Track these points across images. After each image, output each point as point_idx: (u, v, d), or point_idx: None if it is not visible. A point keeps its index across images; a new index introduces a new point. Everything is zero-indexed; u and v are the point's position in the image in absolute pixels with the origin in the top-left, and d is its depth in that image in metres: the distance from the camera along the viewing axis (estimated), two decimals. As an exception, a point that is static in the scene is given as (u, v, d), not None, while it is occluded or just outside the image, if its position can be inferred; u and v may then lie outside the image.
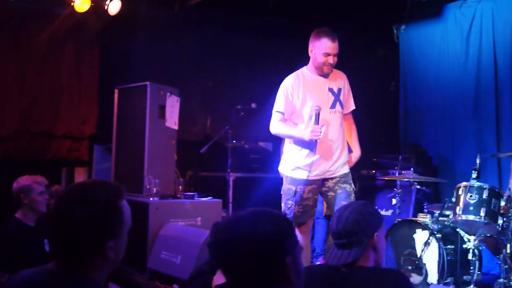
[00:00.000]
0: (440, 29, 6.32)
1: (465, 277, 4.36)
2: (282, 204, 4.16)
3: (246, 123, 6.29)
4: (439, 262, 4.28)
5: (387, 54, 6.98)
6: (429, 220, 4.57)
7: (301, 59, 4.36)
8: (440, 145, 6.24)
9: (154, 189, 4.95)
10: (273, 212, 1.53)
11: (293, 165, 4.10)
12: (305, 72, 4.14)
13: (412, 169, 5.13)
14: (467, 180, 4.39)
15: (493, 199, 4.26)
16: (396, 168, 5.51)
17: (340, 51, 3.99)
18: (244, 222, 1.50)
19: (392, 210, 5.54)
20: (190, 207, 5.06)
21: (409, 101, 6.71)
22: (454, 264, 4.33)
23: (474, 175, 4.34)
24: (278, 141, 6.14)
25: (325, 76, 4.08)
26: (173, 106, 5.33)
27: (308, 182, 4.05)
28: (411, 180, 5.15)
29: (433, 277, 4.31)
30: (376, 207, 5.85)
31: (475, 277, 4.25)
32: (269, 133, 6.65)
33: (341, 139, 4.13)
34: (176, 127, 5.37)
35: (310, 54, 4.07)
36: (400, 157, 5.60)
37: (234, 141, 6.10)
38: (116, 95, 5.62)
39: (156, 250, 4.71)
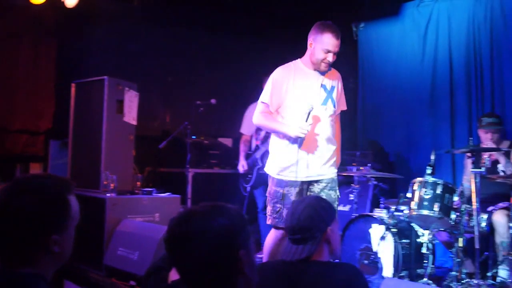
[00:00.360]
0: (398, 27, 6.42)
1: (419, 271, 4.46)
2: (269, 208, 3.90)
3: (206, 119, 6.27)
4: (394, 256, 4.37)
5: (346, 51, 7.00)
6: (385, 215, 4.66)
7: (262, 56, 4.40)
8: (397, 142, 6.34)
9: (111, 184, 4.88)
10: (226, 206, 1.54)
11: (280, 166, 3.86)
12: (298, 65, 3.90)
13: (369, 165, 5.20)
14: (423, 176, 4.49)
15: (446, 194, 4.36)
16: (354, 164, 5.58)
17: (301, 51, 3.92)
18: (197, 216, 1.50)
19: (350, 206, 5.61)
20: (148, 203, 5.01)
21: (367, 98, 6.80)
22: (408, 258, 4.42)
23: (428, 171, 4.44)
24: (238, 137, 6.16)
25: (321, 73, 3.85)
26: (131, 101, 5.27)
27: (295, 184, 3.79)
28: (368, 175, 5.23)
29: (388, 271, 4.39)
30: (337, 203, 5.93)
31: (428, 271, 4.35)
32: (229, 129, 6.72)
33: (332, 139, 3.91)
34: (134, 122, 5.31)
35: (308, 47, 3.82)
36: (358, 153, 5.69)
37: (194, 137, 6.08)
38: (73, 89, 5.51)
39: (113, 247, 4.65)
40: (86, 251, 4.89)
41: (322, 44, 3.71)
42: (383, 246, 4.45)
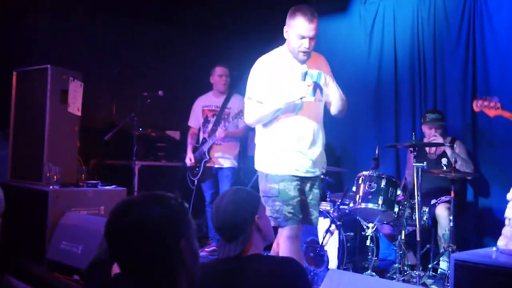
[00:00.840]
0: (345, 24, 6.50)
1: (363, 263, 4.56)
2: (268, 209, 3.40)
3: (153, 111, 6.18)
4: (339, 248, 4.45)
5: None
6: (331, 208, 4.73)
7: (211, 49, 4.36)
8: (343, 136, 6.43)
9: (55, 177, 4.76)
10: (166, 195, 1.51)
11: (271, 160, 3.52)
12: (281, 54, 3.56)
13: (316, 159, 5.25)
14: (368, 170, 4.58)
15: (390, 188, 4.47)
16: (301, 158, 5.62)
17: (250, 42, 3.68)
18: (134, 207, 1.46)
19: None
20: (92, 196, 4.92)
21: (314, 93, 6.86)
22: (353, 250, 4.51)
23: (373, 165, 4.54)
24: (185, 129, 6.11)
25: (303, 61, 3.48)
26: (76, 91, 5.14)
27: (291, 178, 3.47)
28: (315, 169, 5.28)
29: (334, 263, 4.46)
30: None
31: (372, 263, 4.45)
32: (177, 121, 6.65)
33: (322, 132, 3.66)
34: (79, 113, 5.18)
35: (285, 35, 3.49)
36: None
37: (141, 129, 6.00)
38: (14, 78, 5.33)
39: (55, 240, 4.54)
40: (27, 245, 4.77)
41: (294, 29, 3.38)
42: (329, 239, 4.52)
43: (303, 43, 3.38)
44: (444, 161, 4.83)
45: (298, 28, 3.36)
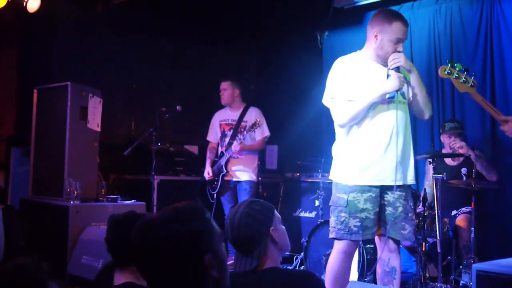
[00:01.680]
0: (361, 36, 6.40)
1: (384, 275, 4.51)
2: (333, 219, 3.43)
3: (171, 126, 6.24)
4: (359, 261, 4.41)
5: (311, 59, 7.12)
6: (350, 220, 4.69)
7: (228, 64, 4.42)
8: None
9: (75, 192, 4.82)
10: (185, 209, 1.48)
11: (347, 169, 3.43)
12: (359, 56, 3.49)
13: (334, 171, 5.24)
14: (386, 182, 4.55)
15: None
16: (319, 170, 5.62)
17: (264, 56, 3.65)
18: (152, 229, 1.45)
19: (315, 212, 5.64)
20: (112, 210, 4.94)
21: (332, 105, 6.85)
22: (373, 262, 4.46)
23: (392, 177, 4.50)
24: (204, 144, 6.14)
25: (385, 65, 3.40)
26: (95, 108, 5.21)
27: (362, 189, 3.34)
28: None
29: (354, 275, 4.43)
30: (300, 209, 5.97)
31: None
32: (195, 136, 6.69)
33: (409, 136, 3.48)
34: (98, 129, 5.25)
35: (372, 40, 3.40)
36: (323, 159, 5.73)
37: (159, 144, 6.04)
38: (35, 96, 5.43)
39: (76, 255, 4.58)
40: (49, 260, 4.80)
41: (392, 34, 3.30)
42: (348, 251, 4.48)
43: (398, 46, 3.34)
44: (463, 170, 4.78)
45: (397, 32, 3.31)
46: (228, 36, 7.29)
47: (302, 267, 4.74)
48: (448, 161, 5.13)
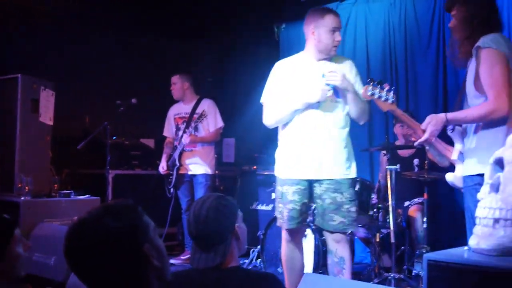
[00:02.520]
0: (318, 28, 6.53)
1: (339, 266, 4.56)
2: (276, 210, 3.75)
3: (127, 119, 6.14)
4: (315, 252, 4.45)
5: (269, 51, 7.12)
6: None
7: (184, 57, 4.38)
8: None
9: (26, 187, 4.69)
10: (116, 205, 1.49)
11: (280, 163, 3.69)
12: (298, 58, 3.70)
13: (291, 163, 5.26)
14: (342, 174, 4.60)
15: (364, 191, 4.49)
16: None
17: (221, 48, 3.81)
18: (87, 227, 1.43)
19: (272, 205, 5.65)
20: (65, 206, 4.85)
21: (288, 98, 6.88)
22: (329, 254, 4.50)
23: (347, 169, 4.55)
24: (160, 137, 6.07)
25: (328, 60, 3.59)
26: (47, 101, 5.08)
27: (291, 182, 3.58)
28: (290, 174, 5.29)
29: (309, 267, 4.46)
30: (257, 202, 5.97)
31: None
32: (151, 129, 6.61)
33: (340, 132, 3.61)
34: (51, 123, 5.12)
35: (310, 37, 3.58)
36: (280, 152, 5.73)
37: (114, 138, 5.95)
38: (-17, 88, 5.25)
39: (28, 252, 4.46)
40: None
41: (326, 25, 3.50)
42: (304, 243, 4.51)
43: (336, 36, 3.52)
44: (416, 161, 4.86)
45: (330, 23, 3.51)
46: (185, 29, 7.21)
47: (258, 260, 4.75)
48: (401, 152, 5.21)
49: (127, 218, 1.46)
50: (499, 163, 2.30)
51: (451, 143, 3.21)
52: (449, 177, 3.18)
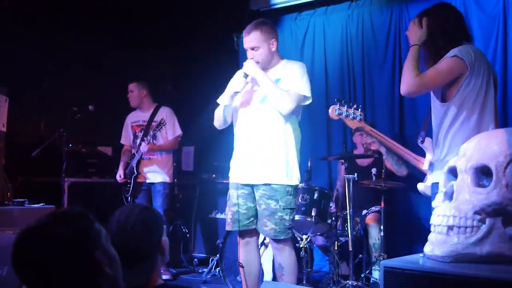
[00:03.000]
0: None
1: (298, 275, 4.57)
2: None
3: (84, 126, 6.03)
4: (273, 261, 4.45)
5: (228, 60, 7.13)
6: (265, 221, 4.73)
7: (142, 65, 4.35)
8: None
9: (-22, 195, 4.55)
10: (66, 212, 1.45)
11: (231, 166, 3.81)
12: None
13: (250, 172, 5.27)
14: (301, 182, 4.63)
15: (323, 200, 4.53)
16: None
17: (180, 56, 3.86)
18: (38, 235, 1.38)
19: (231, 213, 5.65)
20: (19, 215, 4.73)
21: (248, 107, 6.90)
22: (288, 262, 4.51)
23: (306, 177, 4.60)
24: (118, 145, 5.99)
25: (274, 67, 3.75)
26: (0, 106, 4.95)
27: (234, 186, 3.71)
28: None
29: (269, 276, 4.47)
30: (216, 211, 5.96)
31: (307, 274, 4.48)
32: (109, 137, 6.51)
33: (270, 137, 3.61)
34: (4, 129, 5.00)
35: None
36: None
37: (70, 145, 5.83)
38: None
39: (-22, 262, 4.32)
40: None
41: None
42: (264, 251, 4.52)
43: (249, 54, 3.70)
44: (373, 171, 4.94)
45: (244, 43, 3.74)
46: (145, 36, 7.16)
47: (217, 269, 4.73)
48: (360, 162, 5.28)
49: (76, 225, 1.41)
50: (453, 172, 2.36)
51: (422, 154, 3.29)
52: (420, 186, 3.28)
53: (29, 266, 1.38)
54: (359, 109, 3.12)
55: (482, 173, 2.20)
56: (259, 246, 4.50)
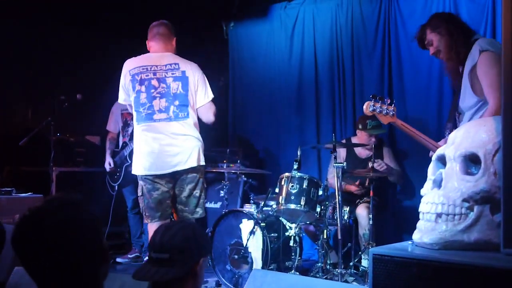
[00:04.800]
0: (267, 27, 6.57)
1: (287, 263, 4.59)
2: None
3: (72, 115, 5.98)
4: (263, 249, 4.46)
5: (217, 50, 7.10)
6: (254, 210, 4.74)
7: (129, 53, 4.33)
8: (266, 139, 6.50)
9: (-36, 185, 4.51)
10: (74, 198, 1.49)
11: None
12: None
13: (239, 161, 5.27)
14: (290, 171, 4.63)
15: (312, 188, 4.53)
16: (224, 161, 5.62)
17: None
18: (45, 214, 1.41)
19: (221, 202, 5.65)
20: (6, 204, 4.70)
21: (237, 96, 6.89)
22: (277, 251, 4.53)
23: (295, 166, 4.59)
24: (106, 134, 5.95)
25: None
26: (-13, 95, 4.90)
27: (140, 178, 4.20)
28: (238, 172, 5.30)
29: (258, 264, 4.47)
30: (206, 200, 5.94)
31: (296, 263, 4.49)
32: (97, 126, 6.46)
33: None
34: (-10, 118, 4.95)
35: None
36: (228, 150, 5.74)
37: (58, 134, 5.79)
38: None
39: (-35, 252, 4.29)
40: None
41: None
42: (253, 240, 4.52)
43: None
44: (370, 164, 4.91)
45: None
46: (132, 24, 7.09)
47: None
48: (359, 153, 5.23)
49: (87, 211, 1.47)
50: (441, 160, 2.36)
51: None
52: None
53: (28, 248, 1.40)
54: (392, 105, 3.18)
55: (471, 161, 2.20)
56: (249, 235, 4.51)
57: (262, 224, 4.52)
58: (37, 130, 5.39)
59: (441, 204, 2.20)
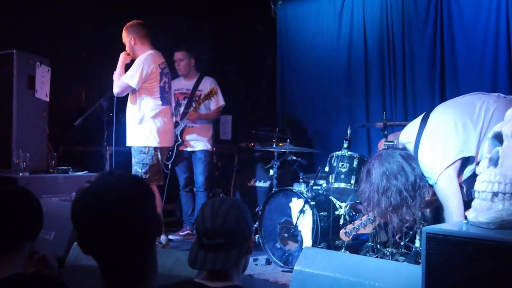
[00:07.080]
0: (315, 5, 6.50)
1: (337, 242, 4.59)
2: None
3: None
4: (313, 228, 4.47)
5: (265, 29, 7.08)
6: (304, 189, 4.75)
7: (176, 33, 4.45)
8: (315, 118, 6.47)
9: (24, 163, 4.68)
10: (127, 174, 1.51)
11: None
12: None
13: (288, 140, 5.28)
14: (340, 150, 4.61)
15: (362, 167, 4.49)
16: (273, 140, 5.64)
17: (216, 25, 3.89)
18: (104, 185, 1.44)
19: (270, 181, 5.68)
20: (63, 182, 4.85)
21: (285, 76, 6.87)
22: (327, 230, 4.54)
23: (345, 145, 4.57)
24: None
25: None
26: (43, 77, 5.04)
27: None
28: (288, 151, 5.31)
29: (308, 243, 4.49)
30: (255, 179, 6.00)
31: (346, 242, 4.49)
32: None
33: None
34: (47, 99, 5.09)
35: None
36: (277, 129, 5.75)
37: (111, 114, 5.91)
38: (-22, 64, 5.20)
39: (26, 228, 4.47)
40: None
41: None
42: (303, 219, 4.54)
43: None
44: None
45: None
46: (180, 5, 7.14)
47: (257, 236, 4.78)
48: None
49: (146, 183, 1.50)
50: (498, 138, 2.31)
51: None
52: None
53: (90, 219, 1.41)
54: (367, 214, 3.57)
55: (529, 139, 2.14)
56: (299, 214, 4.53)
57: (312, 202, 4.53)
58: (90, 111, 5.52)
59: (498, 182, 2.15)
